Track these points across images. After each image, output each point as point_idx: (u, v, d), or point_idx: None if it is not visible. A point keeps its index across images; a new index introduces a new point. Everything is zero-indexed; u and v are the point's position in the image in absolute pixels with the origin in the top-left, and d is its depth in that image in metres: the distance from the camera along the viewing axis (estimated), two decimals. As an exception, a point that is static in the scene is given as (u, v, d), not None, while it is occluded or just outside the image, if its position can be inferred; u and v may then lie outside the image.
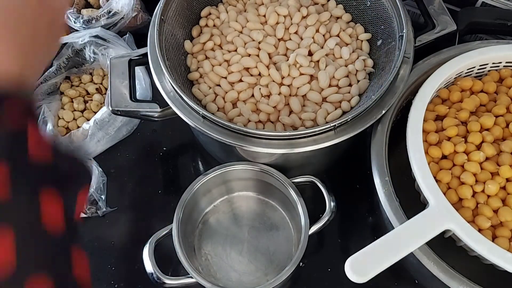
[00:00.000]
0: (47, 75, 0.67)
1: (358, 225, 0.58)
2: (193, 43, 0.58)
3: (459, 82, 0.52)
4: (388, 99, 0.49)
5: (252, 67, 0.54)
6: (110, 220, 0.58)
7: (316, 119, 0.51)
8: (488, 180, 0.45)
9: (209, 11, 0.60)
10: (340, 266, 0.40)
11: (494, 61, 0.53)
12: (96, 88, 0.67)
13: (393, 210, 0.45)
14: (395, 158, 0.50)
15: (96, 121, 0.61)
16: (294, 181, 0.52)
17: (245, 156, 0.53)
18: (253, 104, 0.53)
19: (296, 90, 0.53)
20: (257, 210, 0.57)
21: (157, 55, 0.50)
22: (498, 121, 0.48)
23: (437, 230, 0.41)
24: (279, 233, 0.56)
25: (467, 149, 0.47)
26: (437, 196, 0.42)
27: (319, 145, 0.46)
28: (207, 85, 0.55)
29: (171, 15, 0.55)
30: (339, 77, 0.54)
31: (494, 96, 0.51)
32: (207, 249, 0.55)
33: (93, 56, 0.68)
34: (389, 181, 0.47)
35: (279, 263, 0.53)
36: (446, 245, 0.45)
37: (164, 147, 0.64)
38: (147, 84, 0.65)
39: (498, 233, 0.43)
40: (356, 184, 0.59)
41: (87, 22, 0.68)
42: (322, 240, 0.57)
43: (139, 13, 0.70)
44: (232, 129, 0.47)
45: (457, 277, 0.42)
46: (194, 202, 0.54)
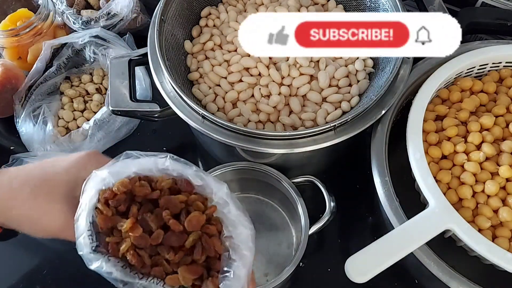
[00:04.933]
0: (47, 75, 0.67)
1: (358, 225, 0.58)
2: (193, 43, 0.58)
3: (459, 82, 0.52)
4: (388, 99, 0.49)
5: (252, 67, 0.54)
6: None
7: (316, 119, 0.51)
8: (488, 180, 0.45)
9: (209, 11, 0.60)
10: (340, 266, 0.40)
11: (494, 61, 0.53)
12: (96, 88, 0.67)
13: (393, 210, 0.45)
14: (395, 158, 0.50)
15: (96, 121, 0.61)
16: (294, 181, 0.52)
17: (245, 156, 0.53)
18: (253, 104, 0.53)
19: (296, 90, 0.53)
20: (257, 210, 0.57)
21: (157, 55, 0.50)
22: (498, 121, 0.48)
23: (437, 230, 0.41)
24: (279, 233, 0.56)
25: (467, 149, 0.47)
26: (437, 196, 0.42)
27: (319, 145, 0.46)
28: (207, 85, 0.55)
29: (171, 15, 0.55)
30: (339, 77, 0.54)
31: (494, 96, 0.51)
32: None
33: (93, 56, 0.68)
34: (389, 181, 0.47)
35: (279, 263, 0.53)
36: (446, 245, 0.45)
37: (164, 147, 0.64)
38: (147, 84, 0.65)
39: (498, 233, 0.43)
40: (356, 184, 0.59)
41: (86, 23, 0.68)
42: (322, 240, 0.57)
43: (139, 15, 0.70)
44: (232, 129, 0.47)
45: (457, 277, 0.42)
46: (194, 202, 0.54)
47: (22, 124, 0.63)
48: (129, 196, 0.34)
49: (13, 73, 0.66)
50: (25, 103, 0.65)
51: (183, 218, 0.34)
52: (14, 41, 0.65)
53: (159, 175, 0.36)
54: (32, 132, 0.62)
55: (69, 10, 0.69)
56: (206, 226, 0.34)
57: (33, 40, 0.66)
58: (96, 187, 0.34)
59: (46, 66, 0.67)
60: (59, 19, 0.70)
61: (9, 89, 0.65)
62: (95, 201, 0.34)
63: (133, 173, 0.35)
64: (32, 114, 0.64)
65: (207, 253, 0.34)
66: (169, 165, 0.36)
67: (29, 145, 0.62)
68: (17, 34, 0.65)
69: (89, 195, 0.34)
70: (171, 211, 0.34)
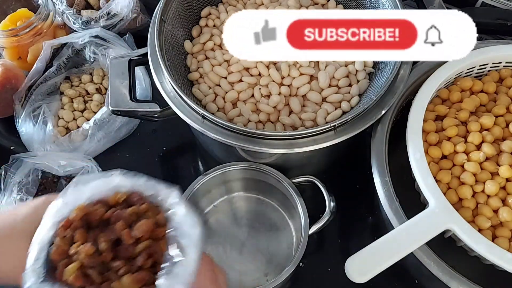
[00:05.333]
0: (47, 75, 0.67)
1: (358, 225, 0.58)
2: (193, 43, 0.58)
3: (459, 82, 0.52)
4: (388, 99, 0.49)
5: (252, 67, 0.54)
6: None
7: (316, 119, 0.51)
8: (488, 180, 0.45)
9: (209, 11, 0.60)
10: (340, 266, 0.40)
11: (494, 61, 0.53)
12: (96, 88, 0.67)
13: (393, 210, 0.45)
14: (395, 158, 0.50)
15: (96, 121, 0.61)
16: (294, 181, 0.52)
17: (245, 156, 0.53)
18: (253, 104, 0.53)
19: (296, 90, 0.53)
20: (257, 210, 0.57)
21: (157, 55, 0.50)
22: (498, 121, 0.48)
23: (437, 230, 0.41)
24: (279, 233, 0.56)
25: (467, 149, 0.47)
26: (437, 196, 0.42)
27: (319, 145, 0.46)
28: (207, 85, 0.55)
29: (171, 15, 0.55)
30: (339, 77, 0.54)
31: (494, 96, 0.51)
32: (207, 249, 0.55)
33: (93, 56, 0.68)
34: (389, 181, 0.47)
35: (279, 263, 0.53)
36: (446, 245, 0.45)
37: (164, 147, 0.64)
38: (147, 84, 0.65)
39: (498, 233, 0.43)
40: (356, 184, 0.59)
41: (86, 23, 0.68)
42: (322, 240, 0.57)
43: (139, 15, 0.70)
44: (232, 129, 0.47)
45: (457, 277, 0.42)
46: (194, 202, 0.54)
47: (22, 124, 0.63)
48: (85, 222, 0.34)
49: (13, 73, 0.66)
50: (25, 103, 0.65)
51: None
52: (14, 41, 0.65)
53: (112, 194, 0.36)
54: (32, 132, 0.62)
55: (69, 10, 0.69)
56: (153, 230, 0.35)
57: (33, 40, 0.66)
58: (51, 219, 0.34)
59: (46, 66, 0.67)
60: (59, 19, 0.70)
61: (9, 89, 0.65)
62: (51, 235, 0.34)
63: (87, 199, 0.36)
64: (32, 114, 0.64)
65: (154, 257, 0.34)
66: (119, 181, 0.37)
67: (29, 145, 0.62)
68: (17, 34, 0.65)
69: (44, 228, 0.34)
70: (124, 224, 0.34)
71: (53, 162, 0.59)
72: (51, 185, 0.61)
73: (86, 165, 0.59)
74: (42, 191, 0.61)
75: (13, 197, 0.58)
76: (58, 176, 0.62)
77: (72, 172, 0.60)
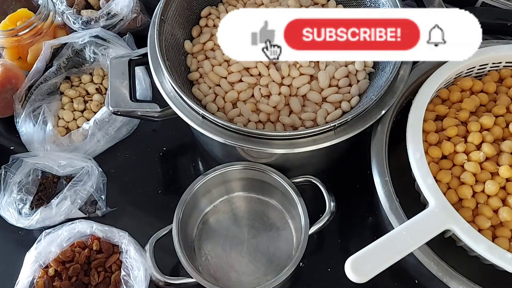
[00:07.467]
0: (47, 75, 0.67)
1: (358, 225, 0.57)
2: (193, 43, 0.58)
3: (459, 82, 0.52)
4: (388, 99, 0.49)
5: (252, 67, 0.54)
6: (110, 220, 0.58)
7: (316, 119, 0.51)
8: (488, 180, 0.45)
9: (209, 11, 0.60)
10: (340, 266, 0.40)
11: (494, 61, 0.53)
12: (96, 88, 0.67)
13: (393, 210, 0.45)
14: (395, 158, 0.50)
15: (96, 121, 0.61)
16: (294, 181, 0.52)
17: (245, 156, 0.53)
18: (253, 104, 0.53)
19: (296, 90, 0.53)
20: (257, 210, 0.57)
21: (157, 55, 0.50)
22: (498, 121, 0.48)
23: (437, 230, 0.41)
24: (279, 233, 0.56)
25: (467, 149, 0.47)
26: (437, 196, 0.42)
27: (319, 145, 0.46)
28: (207, 85, 0.55)
29: (171, 15, 0.55)
30: (339, 77, 0.54)
31: (494, 96, 0.51)
32: (207, 249, 0.55)
33: (93, 56, 0.68)
34: (389, 181, 0.47)
35: (279, 263, 0.53)
36: (446, 245, 0.45)
37: (164, 147, 0.64)
38: (147, 84, 0.65)
39: (498, 233, 0.43)
40: (356, 184, 0.59)
41: (86, 23, 0.68)
42: (322, 240, 0.57)
43: (139, 15, 0.70)
44: (232, 129, 0.47)
45: (457, 277, 0.42)
46: (194, 202, 0.54)
47: (22, 124, 0.63)
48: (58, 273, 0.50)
49: (13, 73, 0.66)
50: (25, 103, 0.65)
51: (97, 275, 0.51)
52: (14, 41, 0.65)
53: (78, 240, 0.52)
54: (32, 132, 0.62)
55: (69, 10, 0.69)
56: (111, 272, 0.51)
57: (33, 40, 0.66)
58: (26, 273, 0.48)
59: (46, 66, 0.67)
60: (59, 19, 0.70)
61: (9, 89, 0.65)
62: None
63: (55, 251, 0.49)
64: (32, 114, 0.64)
65: None
66: (80, 229, 0.51)
67: (29, 145, 0.62)
68: (17, 34, 0.65)
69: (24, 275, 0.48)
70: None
71: (53, 162, 0.59)
72: (51, 185, 0.61)
73: (86, 165, 0.59)
74: (42, 191, 0.61)
75: (13, 197, 0.58)
76: (58, 176, 0.62)
77: (72, 172, 0.60)
